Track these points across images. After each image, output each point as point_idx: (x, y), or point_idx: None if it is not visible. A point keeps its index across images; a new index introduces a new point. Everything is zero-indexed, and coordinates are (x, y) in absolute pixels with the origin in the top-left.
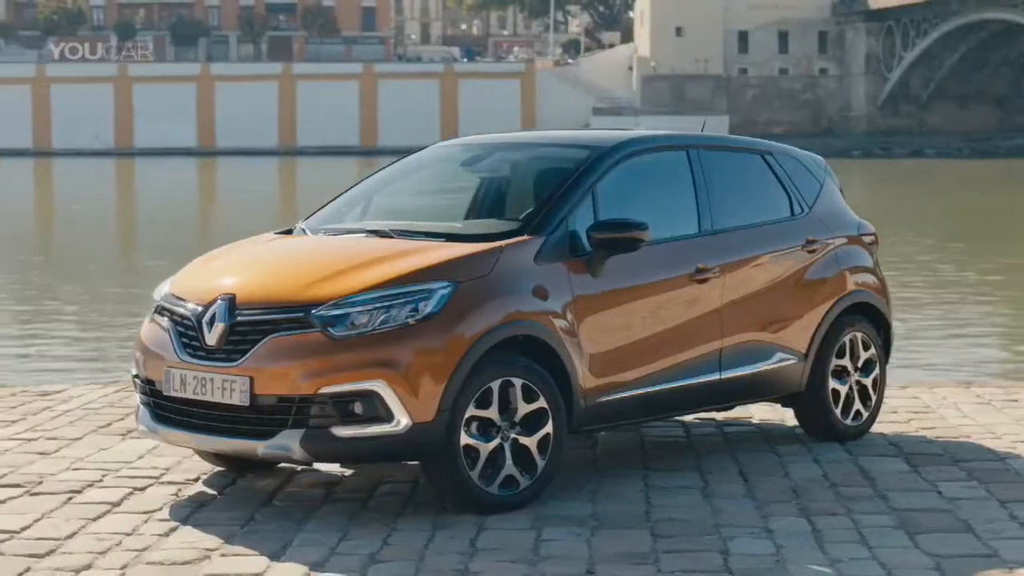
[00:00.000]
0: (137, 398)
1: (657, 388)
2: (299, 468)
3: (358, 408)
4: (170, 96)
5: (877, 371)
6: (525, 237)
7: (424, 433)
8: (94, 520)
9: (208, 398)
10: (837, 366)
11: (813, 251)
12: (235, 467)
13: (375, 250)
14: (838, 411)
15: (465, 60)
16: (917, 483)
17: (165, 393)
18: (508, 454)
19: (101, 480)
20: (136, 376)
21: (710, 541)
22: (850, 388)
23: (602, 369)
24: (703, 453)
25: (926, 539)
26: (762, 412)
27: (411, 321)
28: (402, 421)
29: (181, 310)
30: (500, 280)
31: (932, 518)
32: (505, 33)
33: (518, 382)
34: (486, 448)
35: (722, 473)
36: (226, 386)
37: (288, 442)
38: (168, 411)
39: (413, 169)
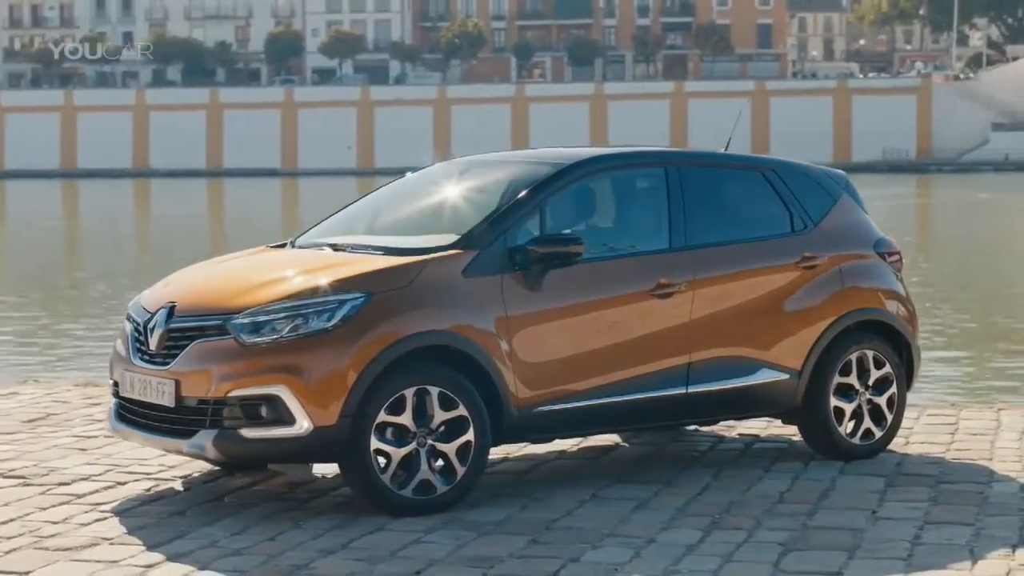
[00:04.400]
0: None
1: (609, 400)
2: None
3: (264, 411)
4: (564, 116)
5: (894, 390)
6: (454, 251)
7: (326, 437)
8: (43, 510)
9: (148, 399)
10: (841, 384)
11: (812, 267)
12: (226, 467)
13: (308, 263)
14: (843, 429)
15: (863, 76)
16: (865, 502)
17: (121, 394)
18: (424, 460)
19: (101, 475)
20: (111, 378)
21: (575, 549)
22: (859, 406)
23: (539, 380)
24: (696, 467)
25: (796, 556)
26: None
27: (329, 327)
28: (304, 425)
29: (138, 317)
30: (419, 292)
31: (831, 536)
32: (909, 48)
33: (434, 390)
34: (398, 453)
35: (682, 487)
36: (159, 388)
37: (203, 441)
38: (126, 411)
39: (404, 186)
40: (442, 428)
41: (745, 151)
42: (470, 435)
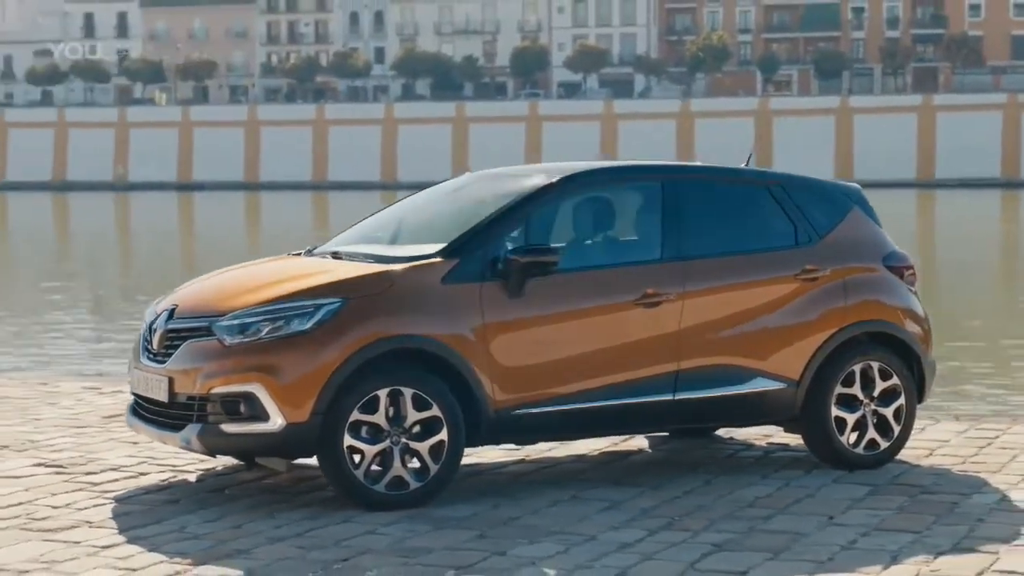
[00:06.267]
0: None
1: (592, 404)
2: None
3: (243, 408)
4: (809, 129)
5: (901, 401)
6: (435, 260)
7: (299, 432)
8: (53, 495)
9: (150, 394)
10: (844, 394)
11: (813, 279)
12: (246, 461)
13: (302, 270)
14: (845, 439)
15: None
16: (831, 508)
17: (132, 390)
18: (397, 457)
19: (132, 466)
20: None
21: (510, 544)
22: (863, 417)
23: (516, 384)
24: (699, 472)
25: (719, 557)
26: None
27: (305, 330)
28: (278, 421)
29: (148, 319)
30: (395, 298)
31: (769, 539)
32: None
33: (408, 391)
34: (371, 450)
35: (666, 490)
36: (158, 384)
37: (190, 435)
38: (138, 405)
39: (426, 196)
40: (416, 428)
41: (996, 166)
42: (443, 435)
